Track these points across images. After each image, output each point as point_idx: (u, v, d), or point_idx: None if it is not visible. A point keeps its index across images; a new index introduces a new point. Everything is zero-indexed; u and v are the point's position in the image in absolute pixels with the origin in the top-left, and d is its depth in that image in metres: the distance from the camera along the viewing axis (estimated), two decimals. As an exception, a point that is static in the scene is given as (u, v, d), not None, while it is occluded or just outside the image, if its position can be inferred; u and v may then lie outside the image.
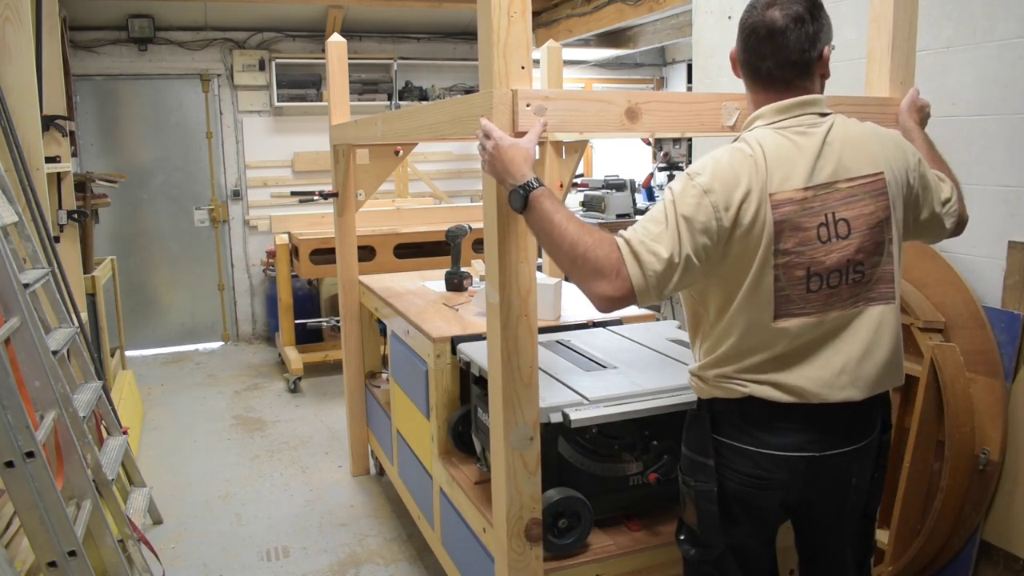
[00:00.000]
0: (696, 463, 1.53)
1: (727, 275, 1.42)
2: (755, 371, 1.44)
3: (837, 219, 1.41)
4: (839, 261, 1.41)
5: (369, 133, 2.80)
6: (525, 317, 1.58)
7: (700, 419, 1.54)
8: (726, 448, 1.50)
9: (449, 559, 2.41)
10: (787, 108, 1.46)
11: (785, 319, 1.41)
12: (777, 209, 1.38)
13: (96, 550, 2.20)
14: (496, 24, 1.46)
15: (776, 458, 1.46)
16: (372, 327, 3.54)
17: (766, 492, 1.49)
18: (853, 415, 1.49)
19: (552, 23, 5.94)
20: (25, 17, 2.94)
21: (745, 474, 1.48)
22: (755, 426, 1.47)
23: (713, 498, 1.50)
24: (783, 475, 1.47)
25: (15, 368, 1.98)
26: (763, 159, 1.39)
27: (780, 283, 1.40)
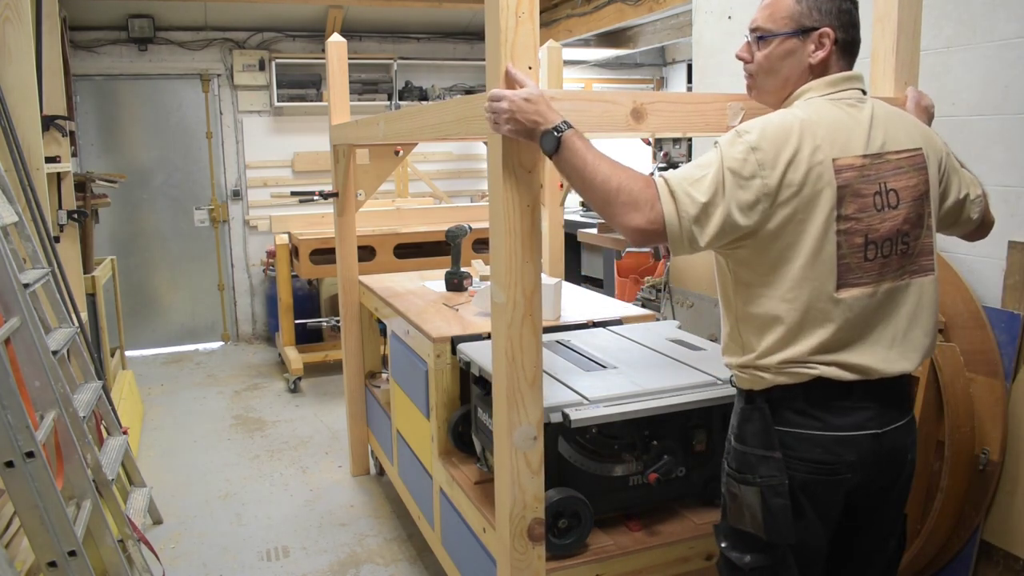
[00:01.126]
0: (758, 458, 1.47)
1: (783, 241, 1.39)
2: (820, 350, 1.41)
3: (888, 189, 1.44)
4: (891, 230, 1.43)
5: (370, 133, 2.80)
6: (530, 317, 1.57)
7: (758, 411, 1.47)
8: (790, 437, 1.45)
9: (449, 559, 2.41)
10: (839, 81, 1.48)
11: (846, 289, 1.41)
12: (840, 174, 1.39)
13: (96, 550, 2.20)
14: (504, 24, 1.46)
15: (845, 439, 1.43)
16: (372, 327, 3.54)
17: (835, 478, 1.45)
18: (902, 387, 1.51)
19: (552, 23, 5.94)
20: (25, 17, 2.94)
21: (814, 461, 1.44)
22: (822, 409, 1.44)
23: (784, 492, 1.44)
24: (851, 456, 1.44)
25: (15, 368, 1.98)
26: (819, 124, 1.40)
27: (842, 250, 1.40)
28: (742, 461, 1.50)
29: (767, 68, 1.53)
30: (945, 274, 2.41)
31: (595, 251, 5.84)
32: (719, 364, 2.05)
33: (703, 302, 3.48)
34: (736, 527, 1.52)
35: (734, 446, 1.52)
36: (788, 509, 1.44)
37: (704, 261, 3.52)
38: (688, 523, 1.97)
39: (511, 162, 1.51)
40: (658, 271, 4.14)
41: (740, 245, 1.43)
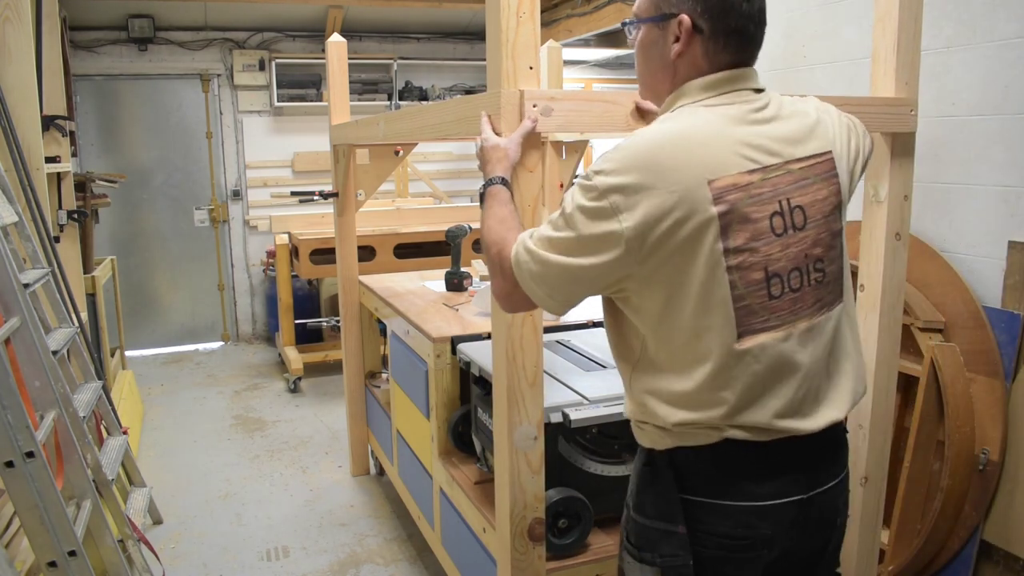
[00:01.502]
0: (660, 533, 1.22)
1: (665, 289, 1.15)
2: (727, 412, 1.16)
3: (792, 206, 1.17)
4: (798, 257, 1.17)
5: (370, 133, 2.80)
6: (531, 317, 1.58)
7: (660, 476, 1.22)
8: (697, 508, 1.20)
9: (449, 559, 2.41)
10: (717, 83, 1.20)
11: (750, 336, 1.15)
12: (721, 198, 1.11)
13: (96, 550, 2.20)
14: (505, 24, 1.46)
15: (761, 509, 1.19)
16: (372, 327, 3.54)
17: (749, 555, 1.21)
18: (832, 442, 1.27)
19: (552, 23, 5.94)
20: (25, 17, 2.94)
21: (724, 536, 1.20)
22: (733, 475, 1.19)
23: (689, 573, 1.20)
24: (768, 529, 1.20)
25: (15, 368, 1.98)
26: (688, 140, 1.13)
27: (738, 290, 1.13)
28: (640, 535, 1.25)
29: (638, 62, 1.30)
30: (945, 274, 2.42)
31: (595, 251, 5.83)
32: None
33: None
34: None
35: (632, 516, 1.28)
36: None
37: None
38: (688, 523, 1.97)
39: (512, 162, 1.51)
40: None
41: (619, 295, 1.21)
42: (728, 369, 1.15)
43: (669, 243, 1.11)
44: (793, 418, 1.19)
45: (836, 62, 2.84)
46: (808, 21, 2.96)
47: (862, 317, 2.04)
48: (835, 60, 2.85)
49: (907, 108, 1.89)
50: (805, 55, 2.97)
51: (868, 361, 2.03)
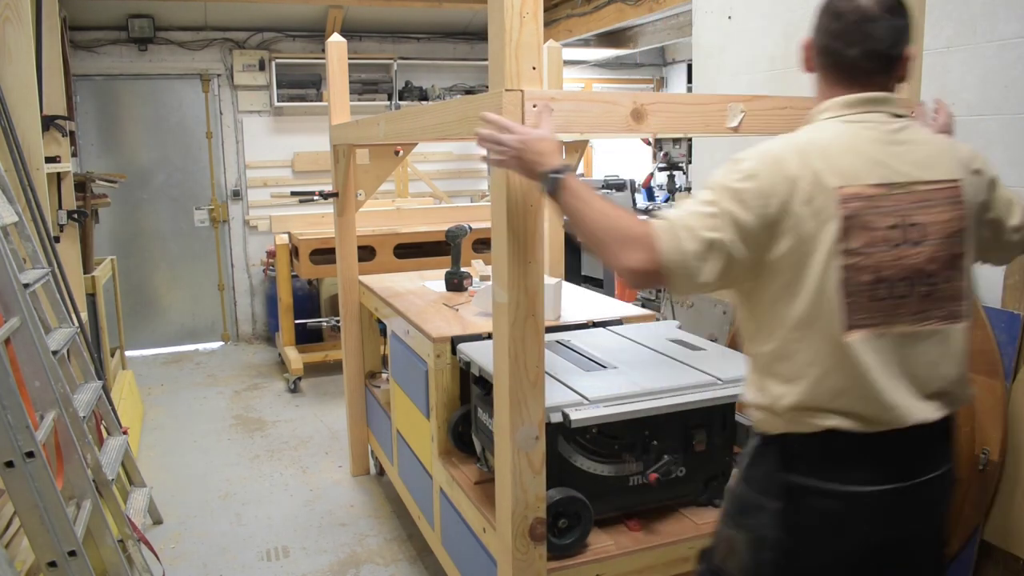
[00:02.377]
0: (756, 506, 1.37)
1: (784, 277, 1.30)
2: (830, 399, 1.29)
3: (910, 223, 1.29)
4: (910, 269, 1.29)
5: (370, 133, 2.80)
6: (532, 317, 1.58)
7: (768, 458, 1.37)
8: (798, 489, 1.33)
9: (449, 559, 2.41)
10: (856, 103, 1.36)
11: (855, 330, 1.28)
12: (846, 204, 1.27)
13: (96, 550, 2.20)
14: (508, 25, 1.46)
15: (858, 495, 1.31)
16: (372, 327, 3.54)
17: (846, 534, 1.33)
18: (930, 437, 1.35)
19: (552, 23, 5.94)
20: (25, 17, 2.94)
21: (822, 515, 1.33)
22: (834, 462, 1.32)
23: (775, 546, 1.33)
24: (864, 513, 1.32)
25: (15, 368, 1.98)
26: (825, 149, 1.30)
27: (848, 287, 1.27)
28: (741, 504, 1.41)
29: None
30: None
31: (595, 251, 5.83)
32: (719, 364, 2.05)
33: (703, 302, 3.48)
34: (720, 566, 1.44)
35: (736, 486, 1.44)
36: (774, 564, 1.35)
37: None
38: (688, 523, 1.97)
39: (513, 162, 1.51)
40: (658, 271, 4.13)
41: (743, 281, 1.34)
42: (832, 360, 1.28)
43: (790, 238, 1.27)
44: (888, 413, 1.30)
45: (836, 62, 2.84)
46: (808, 21, 2.96)
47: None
48: (835, 60, 2.84)
49: (908, 108, 1.88)
50: (805, 55, 2.97)
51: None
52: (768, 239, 1.28)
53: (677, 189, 4.31)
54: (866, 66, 1.36)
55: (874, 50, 1.35)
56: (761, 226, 1.27)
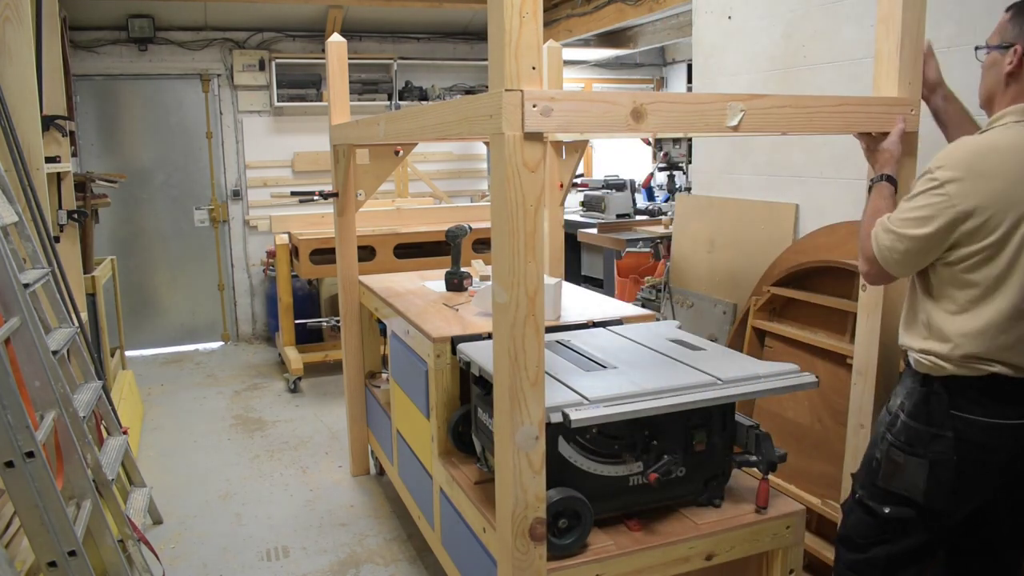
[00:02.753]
0: (931, 436, 1.68)
1: (983, 259, 1.59)
2: (1000, 352, 1.61)
3: None
4: None
5: (371, 133, 2.80)
6: (533, 317, 1.57)
7: (935, 395, 1.68)
8: (961, 422, 1.65)
9: (449, 559, 2.40)
10: None
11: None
12: None
13: (96, 550, 2.20)
14: (508, 25, 1.46)
15: (1010, 427, 1.63)
16: (372, 327, 3.54)
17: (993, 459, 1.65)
18: None
19: (552, 23, 5.94)
20: (25, 17, 2.94)
21: (978, 444, 1.64)
22: (993, 400, 1.63)
23: (952, 467, 1.65)
24: (1011, 442, 1.64)
25: (15, 368, 1.98)
26: (1010, 152, 1.56)
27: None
28: (912, 436, 1.70)
29: (982, 78, 1.72)
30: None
31: (595, 251, 5.84)
32: (719, 364, 2.05)
33: (703, 302, 3.48)
34: (884, 487, 1.75)
35: (904, 420, 1.72)
36: (952, 482, 1.66)
37: (704, 261, 3.52)
38: (688, 523, 1.97)
39: (514, 161, 1.51)
40: (658, 271, 4.14)
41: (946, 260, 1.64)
42: (1006, 320, 1.60)
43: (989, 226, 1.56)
44: None
45: (836, 62, 2.84)
46: (808, 21, 2.96)
47: (865, 317, 2.04)
48: (835, 60, 2.84)
49: (910, 108, 1.89)
50: (805, 55, 2.97)
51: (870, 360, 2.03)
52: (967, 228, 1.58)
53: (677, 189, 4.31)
54: None
55: None
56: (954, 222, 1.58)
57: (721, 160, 3.49)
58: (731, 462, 2.05)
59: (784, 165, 3.13)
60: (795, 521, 2.00)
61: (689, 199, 3.69)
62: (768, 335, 2.94)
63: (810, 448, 2.67)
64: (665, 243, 3.87)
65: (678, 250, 3.70)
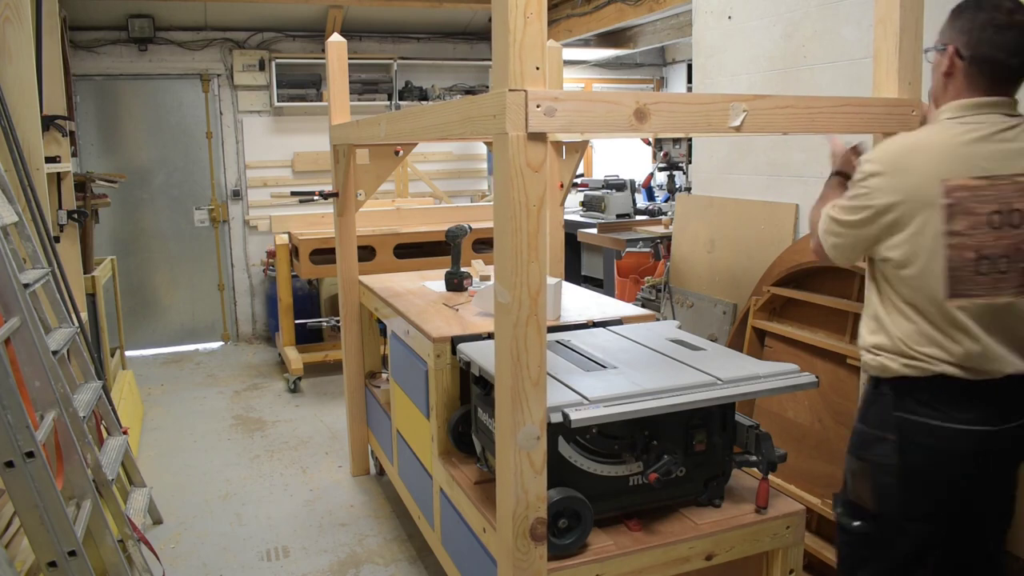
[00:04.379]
0: (874, 438, 1.68)
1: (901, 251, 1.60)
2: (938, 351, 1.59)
3: (1012, 209, 1.55)
4: (1008, 248, 1.55)
5: (370, 133, 2.80)
6: (535, 316, 1.57)
7: (881, 397, 1.68)
8: (908, 424, 1.63)
9: (449, 559, 2.40)
10: (975, 107, 1.60)
11: (957, 298, 1.56)
12: (951, 194, 1.54)
13: (96, 550, 2.20)
14: (513, 24, 1.46)
15: (960, 432, 1.59)
16: (372, 327, 3.54)
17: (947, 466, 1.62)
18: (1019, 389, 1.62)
19: (552, 23, 5.94)
20: (25, 17, 2.94)
21: (928, 448, 1.62)
22: (941, 402, 1.60)
23: (893, 471, 1.64)
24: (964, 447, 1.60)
25: (15, 368, 1.98)
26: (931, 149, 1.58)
27: (952, 263, 1.55)
28: (861, 440, 1.72)
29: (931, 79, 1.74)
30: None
31: (595, 251, 5.84)
32: (719, 364, 2.05)
33: (703, 302, 3.48)
34: (849, 498, 1.76)
35: (856, 425, 1.74)
36: (894, 487, 1.65)
37: (704, 261, 3.52)
38: (688, 523, 1.97)
39: (517, 161, 1.51)
40: (658, 271, 4.14)
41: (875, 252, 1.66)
42: (940, 320, 1.59)
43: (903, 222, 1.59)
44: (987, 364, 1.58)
45: (836, 62, 2.84)
46: (808, 21, 2.96)
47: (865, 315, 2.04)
48: (835, 60, 2.84)
49: (910, 108, 1.89)
50: (805, 55, 2.97)
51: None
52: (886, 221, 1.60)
53: (677, 189, 4.31)
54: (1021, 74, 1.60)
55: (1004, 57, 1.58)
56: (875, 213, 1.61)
57: (721, 160, 3.49)
58: (731, 462, 2.05)
59: (784, 165, 3.13)
60: (795, 521, 2.00)
61: (689, 199, 3.69)
62: (768, 335, 2.95)
63: (810, 448, 2.67)
64: (665, 243, 3.87)
65: (678, 250, 3.70)
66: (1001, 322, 1.58)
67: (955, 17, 1.64)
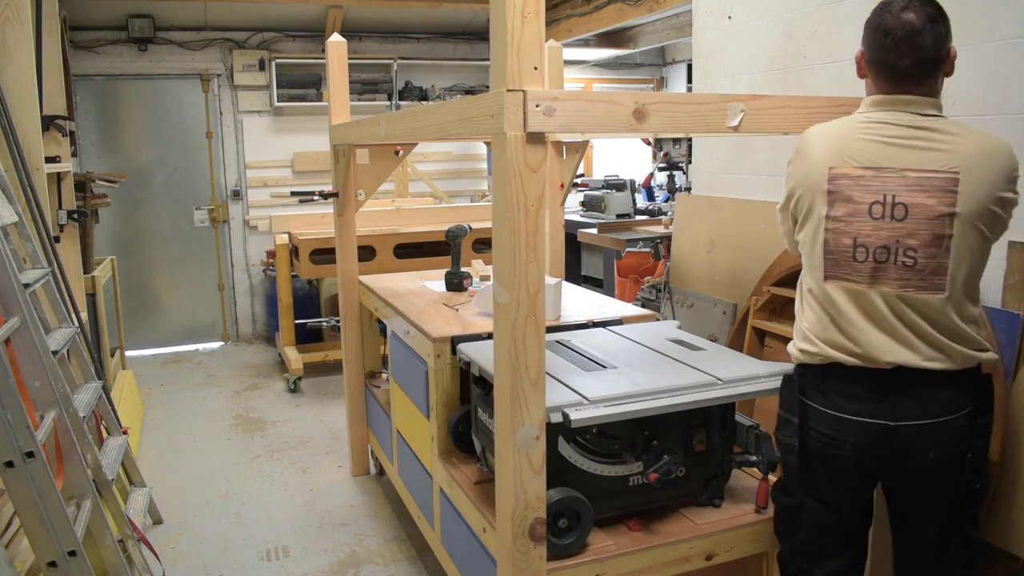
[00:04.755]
0: (783, 420, 1.78)
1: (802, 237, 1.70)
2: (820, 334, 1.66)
3: (895, 202, 1.57)
4: (887, 239, 1.58)
5: (371, 133, 2.80)
6: (533, 317, 1.57)
7: (791, 381, 1.77)
8: (809, 410, 1.71)
9: (449, 559, 2.41)
10: (875, 103, 1.65)
11: (834, 281, 1.63)
12: (833, 181, 1.61)
13: (96, 550, 2.20)
14: (510, 24, 1.46)
15: (846, 421, 1.64)
16: (372, 327, 3.54)
17: (840, 453, 1.67)
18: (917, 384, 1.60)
19: (552, 23, 5.94)
20: (25, 17, 2.94)
21: (822, 434, 1.69)
22: (832, 390, 1.67)
23: (794, 451, 1.75)
24: (852, 438, 1.64)
25: (15, 368, 1.98)
26: (828, 135, 1.66)
27: (828, 246, 1.63)
28: (779, 420, 1.82)
29: None
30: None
31: (595, 251, 5.84)
32: (719, 364, 2.05)
33: (703, 302, 3.48)
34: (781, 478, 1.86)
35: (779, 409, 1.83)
36: (794, 466, 1.76)
37: (704, 261, 3.52)
38: (688, 523, 1.97)
39: (516, 162, 1.51)
40: (658, 271, 4.14)
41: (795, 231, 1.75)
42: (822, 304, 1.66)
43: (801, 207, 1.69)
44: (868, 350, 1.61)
45: (836, 62, 2.84)
46: (808, 21, 2.96)
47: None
48: (835, 60, 2.84)
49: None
50: (805, 55, 2.97)
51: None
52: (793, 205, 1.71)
53: (677, 189, 4.31)
54: (916, 73, 1.60)
55: (924, 58, 1.58)
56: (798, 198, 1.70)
57: (721, 160, 3.49)
58: (731, 462, 2.05)
59: (784, 165, 3.12)
60: (795, 521, 2.00)
61: (689, 199, 3.69)
62: (768, 335, 2.94)
63: (810, 448, 2.67)
64: (665, 243, 3.87)
65: (678, 250, 3.70)
66: (884, 312, 1.60)
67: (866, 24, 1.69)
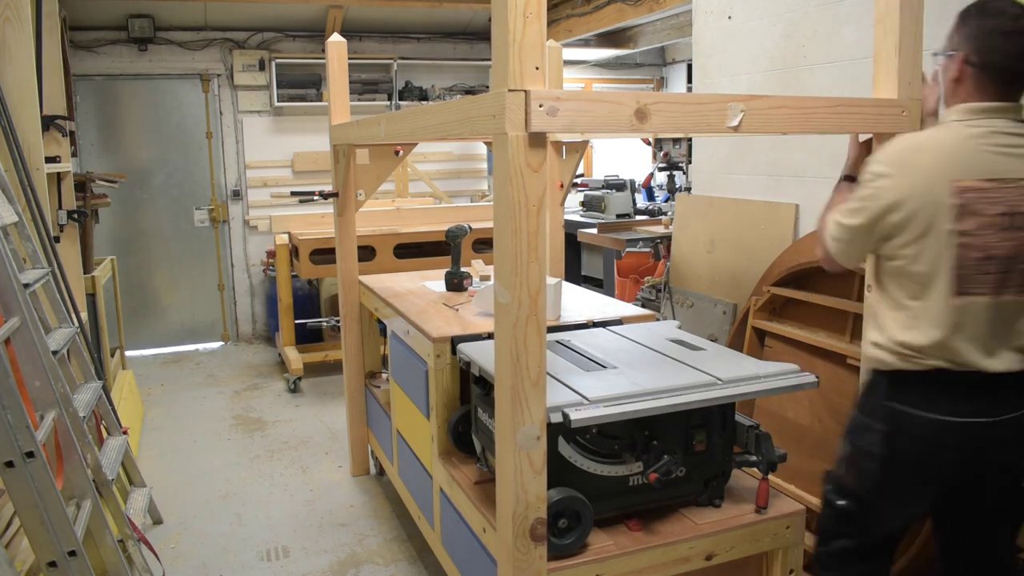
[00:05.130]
0: (864, 426, 1.75)
1: (910, 248, 1.64)
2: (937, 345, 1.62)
3: (1018, 211, 1.59)
4: (1013, 248, 1.59)
5: (371, 133, 2.80)
6: (535, 316, 1.57)
7: (877, 387, 1.73)
8: (902, 415, 1.67)
9: (449, 559, 2.41)
10: (981, 110, 1.64)
11: (962, 296, 1.61)
12: (961, 194, 1.58)
13: (96, 550, 2.20)
14: (512, 24, 1.46)
15: (950, 424, 1.63)
16: (372, 327, 3.54)
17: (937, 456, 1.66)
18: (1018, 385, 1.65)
19: (552, 23, 5.94)
20: (25, 17, 2.94)
21: (919, 439, 1.66)
22: (935, 394, 1.65)
23: (875, 458, 1.71)
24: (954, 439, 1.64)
25: (15, 368, 1.98)
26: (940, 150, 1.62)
27: (959, 261, 1.60)
28: (853, 424, 1.79)
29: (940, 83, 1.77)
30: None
31: (595, 251, 5.84)
32: (719, 364, 2.05)
33: (703, 302, 3.48)
34: (838, 477, 1.83)
35: (853, 411, 1.82)
36: (877, 474, 1.72)
37: (704, 261, 3.52)
38: (688, 523, 1.97)
39: (517, 162, 1.51)
40: (658, 271, 4.14)
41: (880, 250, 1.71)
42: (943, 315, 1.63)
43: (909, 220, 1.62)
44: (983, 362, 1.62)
45: (836, 62, 2.84)
46: (808, 21, 2.96)
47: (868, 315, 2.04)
48: (835, 60, 2.85)
49: (900, 110, 1.89)
50: (805, 55, 2.97)
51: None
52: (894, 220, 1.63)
53: (677, 189, 4.31)
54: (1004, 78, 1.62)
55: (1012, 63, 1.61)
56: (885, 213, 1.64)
57: (721, 160, 3.49)
58: (731, 462, 2.05)
59: (784, 165, 3.13)
60: (795, 521, 2.00)
61: (689, 199, 3.70)
62: (768, 335, 2.95)
63: (810, 448, 2.67)
64: (665, 243, 3.87)
65: (678, 250, 3.70)
66: (999, 320, 1.62)
67: (961, 23, 1.68)
